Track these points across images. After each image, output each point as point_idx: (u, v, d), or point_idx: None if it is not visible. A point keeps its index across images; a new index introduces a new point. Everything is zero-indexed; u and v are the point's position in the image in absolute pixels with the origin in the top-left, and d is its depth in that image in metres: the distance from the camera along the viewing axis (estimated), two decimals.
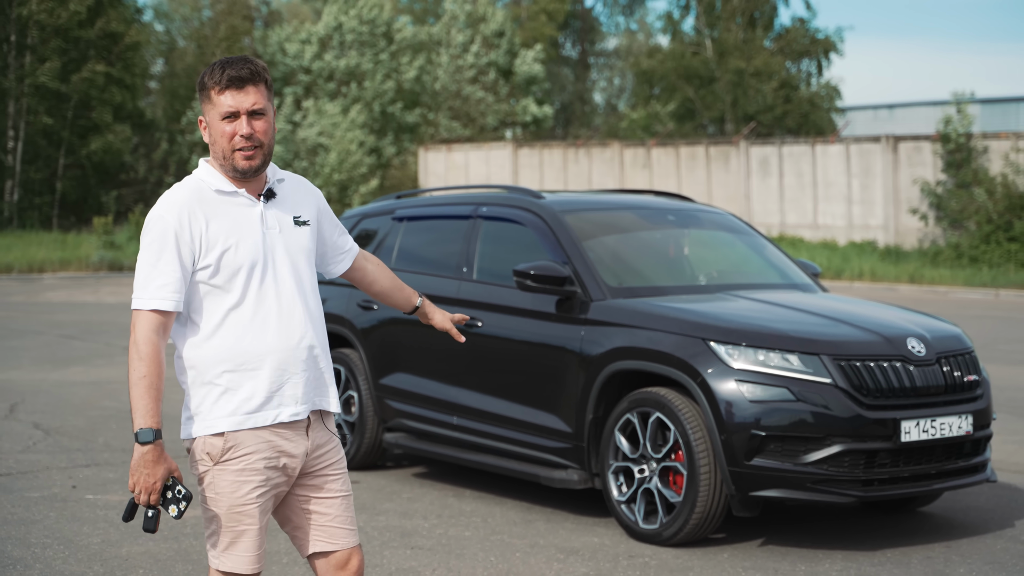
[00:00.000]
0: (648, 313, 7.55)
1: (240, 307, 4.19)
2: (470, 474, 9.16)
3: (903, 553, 7.18)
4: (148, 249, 4.11)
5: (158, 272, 4.09)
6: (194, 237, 4.13)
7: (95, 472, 9.06)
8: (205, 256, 4.15)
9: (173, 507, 4.05)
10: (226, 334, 4.17)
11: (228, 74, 4.17)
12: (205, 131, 4.25)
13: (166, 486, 4.02)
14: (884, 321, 7.55)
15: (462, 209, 8.92)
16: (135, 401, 4.03)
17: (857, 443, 6.94)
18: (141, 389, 4.03)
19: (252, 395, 4.17)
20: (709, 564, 6.94)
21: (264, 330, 4.20)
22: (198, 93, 4.27)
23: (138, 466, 4.01)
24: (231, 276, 4.17)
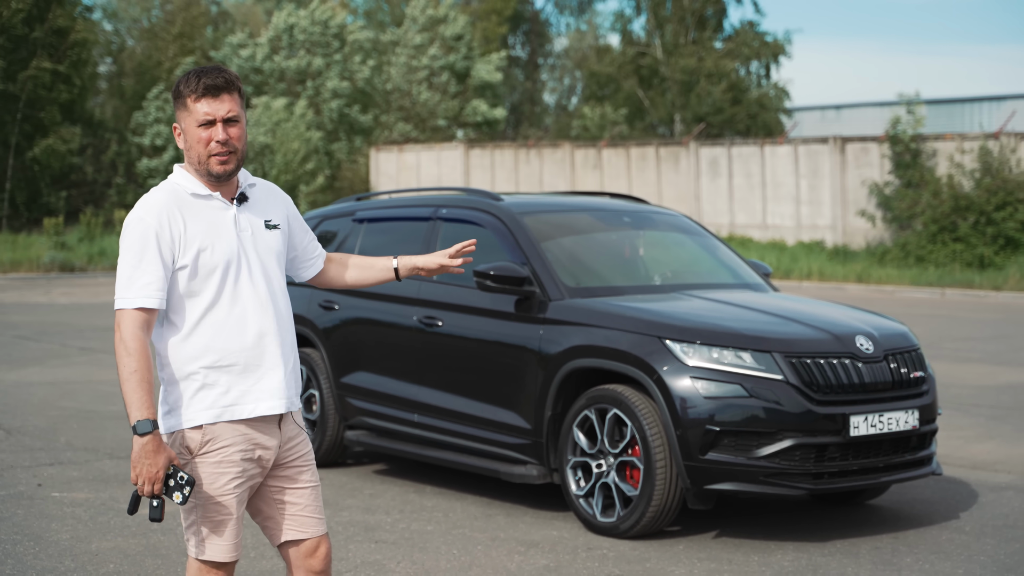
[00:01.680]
0: (605, 312, 7.76)
1: (216, 306, 4.36)
2: (430, 470, 9.34)
3: (852, 544, 7.43)
4: (130, 250, 4.25)
5: (141, 271, 4.23)
6: (174, 237, 4.30)
7: (59, 471, 9.16)
8: (183, 256, 4.32)
9: (177, 494, 4.19)
10: (203, 332, 4.34)
11: (204, 83, 4.35)
12: (180, 137, 4.42)
13: (167, 474, 4.18)
14: (833, 320, 7.80)
15: (422, 211, 9.10)
16: (129, 395, 4.16)
17: (808, 437, 7.18)
18: (134, 383, 4.16)
19: (229, 389, 4.35)
20: (665, 556, 7.16)
21: (240, 328, 4.39)
22: (173, 101, 4.43)
23: (140, 457, 4.15)
24: (207, 275, 4.35)
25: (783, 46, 45.79)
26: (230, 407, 4.36)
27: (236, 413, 4.36)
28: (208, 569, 4.39)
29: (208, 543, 4.36)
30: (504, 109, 46.72)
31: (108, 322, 19.23)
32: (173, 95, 4.42)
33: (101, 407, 11.84)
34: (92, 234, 32.45)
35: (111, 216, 36.28)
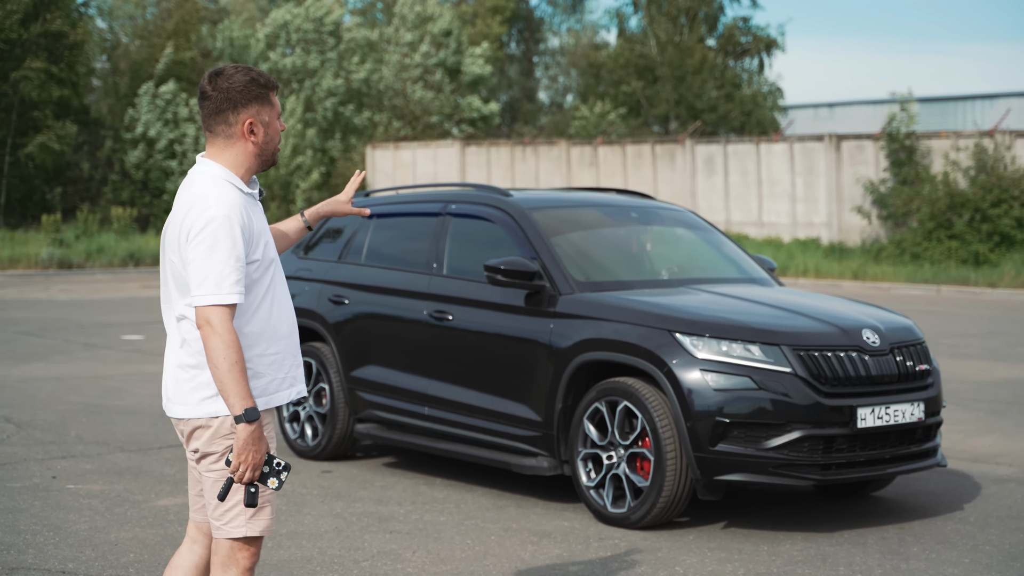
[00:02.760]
0: (615, 306, 7.88)
1: (265, 298, 4.56)
2: (439, 463, 9.45)
3: (859, 534, 7.55)
4: (219, 246, 4.36)
5: (232, 268, 4.36)
6: (252, 233, 4.49)
7: (72, 463, 9.26)
8: (255, 251, 4.50)
9: (273, 479, 4.38)
10: (257, 322, 4.53)
11: (272, 79, 4.58)
12: (255, 132, 4.55)
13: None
14: (840, 313, 7.92)
15: (432, 207, 9.21)
16: (232, 386, 4.30)
17: (816, 429, 7.30)
18: (237, 374, 4.31)
19: (273, 377, 4.54)
20: (676, 546, 7.27)
21: (280, 318, 4.60)
22: (253, 98, 4.55)
23: (247, 445, 4.32)
24: (267, 268, 4.55)
25: (775, 40, 45.90)
26: (275, 394, 4.56)
27: (281, 398, 4.58)
28: (242, 546, 4.53)
29: (256, 520, 4.50)
30: (497, 103, 46.77)
31: (109, 319, 19.33)
32: (251, 92, 4.54)
33: (108, 402, 11.93)
34: (89, 231, 32.52)
35: (107, 213, 36.35)
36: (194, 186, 4.53)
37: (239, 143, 4.57)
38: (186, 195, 4.54)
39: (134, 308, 21.21)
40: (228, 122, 4.55)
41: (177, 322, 4.54)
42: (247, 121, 4.54)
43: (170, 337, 4.62)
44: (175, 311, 4.55)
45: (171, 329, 4.60)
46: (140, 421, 10.98)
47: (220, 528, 4.52)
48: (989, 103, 45.51)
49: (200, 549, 4.75)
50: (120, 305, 21.70)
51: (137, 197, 38.83)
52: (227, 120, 4.54)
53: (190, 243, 4.40)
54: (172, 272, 4.54)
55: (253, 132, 4.55)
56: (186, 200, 4.51)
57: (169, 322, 4.62)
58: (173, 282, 4.55)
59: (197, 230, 4.39)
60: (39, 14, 37.06)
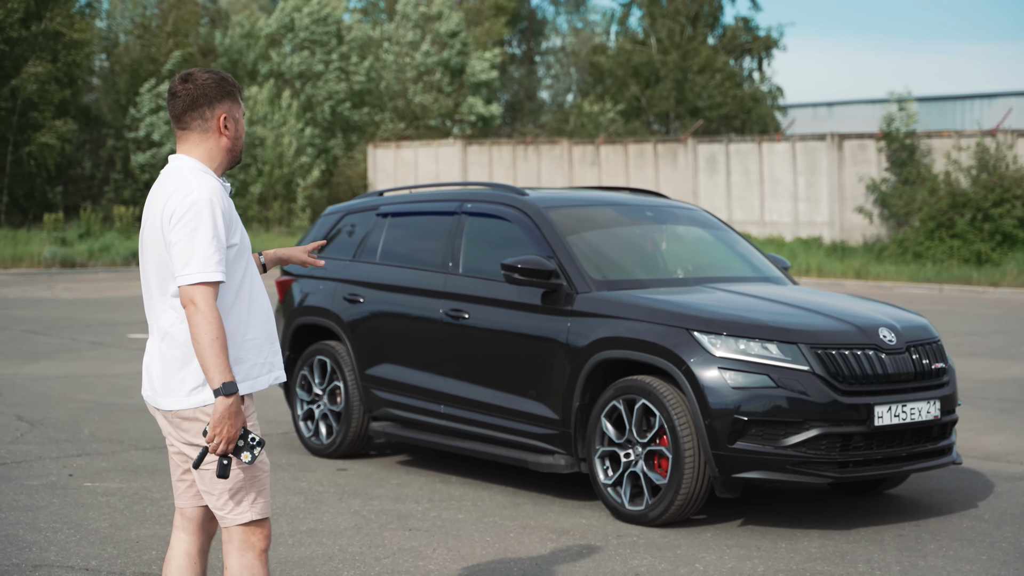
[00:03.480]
0: (632, 305, 7.91)
1: (243, 284, 4.71)
2: (454, 461, 9.49)
3: (876, 532, 7.59)
4: (201, 228, 4.50)
5: (215, 248, 4.51)
6: (228, 218, 4.63)
7: (88, 461, 9.29)
8: (233, 235, 4.64)
9: (246, 453, 4.50)
10: (238, 307, 4.68)
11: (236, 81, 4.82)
12: (228, 127, 4.73)
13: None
14: (856, 312, 7.96)
15: (447, 205, 9.24)
16: (212, 360, 4.43)
17: (833, 427, 7.34)
18: (217, 349, 4.44)
19: (254, 363, 4.70)
20: (694, 543, 7.31)
21: (259, 306, 4.76)
22: (223, 94, 4.73)
23: (223, 418, 4.44)
24: (241, 255, 4.69)
25: (775, 40, 45.94)
26: (257, 379, 4.70)
27: (261, 384, 4.74)
28: (253, 530, 4.68)
29: (257, 502, 4.67)
30: (499, 106, 46.77)
31: (115, 317, 19.36)
32: (226, 88, 4.73)
33: (119, 400, 11.96)
34: (92, 230, 32.53)
35: (109, 212, 36.36)
36: (168, 179, 4.67)
37: (213, 137, 4.72)
38: (162, 188, 4.67)
39: (139, 307, 21.17)
40: (204, 116, 4.70)
41: (160, 315, 4.66)
42: (222, 116, 4.71)
43: (152, 332, 4.74)
44: (157, 305, 4.67)
45: (153, 324, 4.72)
46: (152, 419, 11.01)
47: (227, 517, 4.66)
48: (988, 102, 45.57)
49: (187, 536, 4.88)
50: (125, 304, 21.71)
51: (139, 196, 38.81)
52: (203, 115, 4.70)
53: (173, 227, 4.53)
54: (155, 266, 4.66)
55: (227, 127, 4.73)
56: (163, 192, 4.65)
57: (152, 317, 4.73)
58: (155, 277, 4.66)
59: (180, 214, 4.53)
60: (40, 13, 37.04)
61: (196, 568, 4.85)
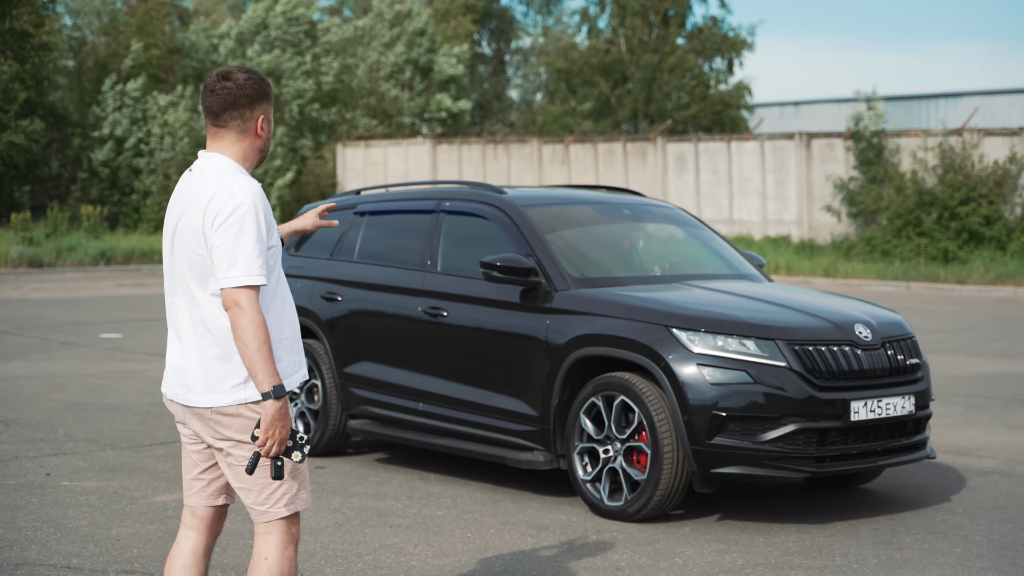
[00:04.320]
0: (611, 302, 7.97)
1: (278, 284, 4.73)
2: (433, 458, 9.52)
3: (852, 525, 7.67)
4: (245, 231, 4.51)
5: (257, 252, 4.52)
6: (268, 220, 4.65)
7: (65, 460, 9.28)
8: (271, 237, 4.64)
9: (296, 453, 4.52)
10: (275, 308, 4.71)
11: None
12: (264, 129, 4.74)
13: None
14: (832, 308, 8.05)
15: (425, 204, 9.28)
16: (261, 364, 4.46)
17: (810, 422, 7.42)
18: (265, 352, 4.47)
19: (290, 360, 4.73)
20: (673, 537, 7.38)
21: (290, 304, 4.80)
22: (263, 96, 4.73)
23: (275, 420, 4.47)
24: (278, 255, 4.70)
25: (745, 42, 46.11)
26: (291, 376, 4.71)
27: (293, 382, 4.75)
28: (292, 523, 4.71)
29: (300, 495, 4.72)
30: (469, 102, 46.77)
31: (85, 317, 19.30)
32: (262, 90, 4.73)
33: (93, 399, 11.94)
34: (59, 229, 32.38)
35: (77, 211, 36.18)
36: (208, 178, 4.64)
37: (249, 138, 4.73)
38: (201, 186, 4.65)
39: (109, 306, 21.17)
40: (243, 117, 4.70)
41: (200, 311, 4.64)
42: (260, 117, 4.72)
43: (185, 329, 4.70)
44: (197, 301, 4.64)
45: (186, 321, 4.69)
46: (127, 418, 11.00)
47: (268, 511, 4.67)
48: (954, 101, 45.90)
49: (195, 535, 4.88)
50: (95, 303, 21.65)
51: (106, 195, 38.66)
52: (242, 115, 4.69)
53: (217, 229, 4.53)
54: (191, 263, 4.64)
55: (263, 128, 4.73)
56: (203, 191, 4.62)
57: (182, 314, 4.71)
58: (192, 274, 4.64)
59: (224, 216, 4.53)
60: (4, 12, 36.79)
61: (201, 567, 4.86)
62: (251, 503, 4.69)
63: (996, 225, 27.78)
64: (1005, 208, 28.08)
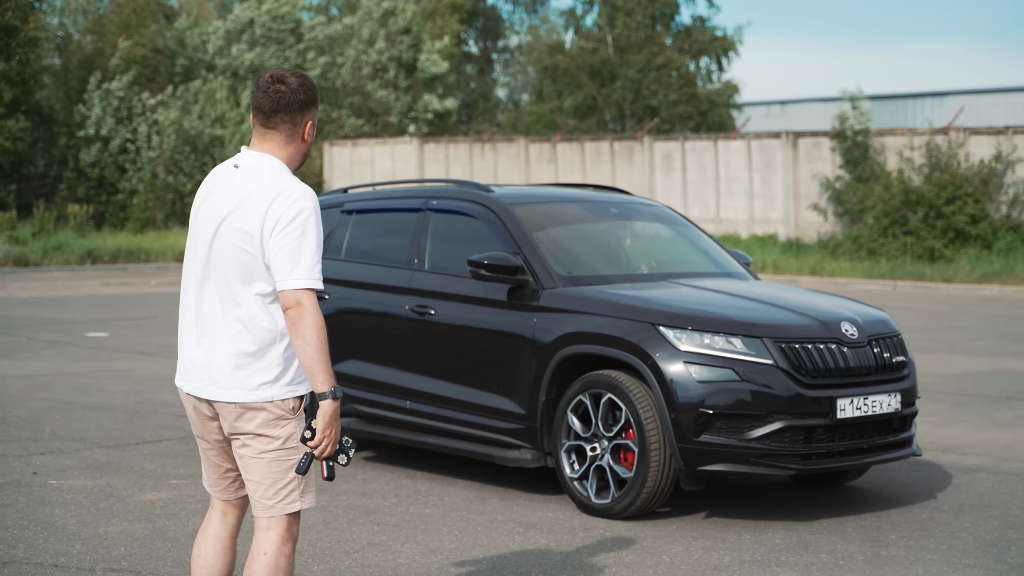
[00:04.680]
0: (598, 300, 7.99)
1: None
2: (420, 456, 9.53)
3: (838, 523, 7.70)
4: (307, 235, 4.59)
5: (318, 257, 4.62)
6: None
7: (51, 459, 9.26)
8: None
9: (343, 456, 4.62)
10: None
11: None
12: (309, 135, 4.84)
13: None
14: (818, 306, 8.07)
15: (412, 202, 9.28)
16: (322, 364, 4.52)
17: (797, 420, 7.44)
18: (325, 353, 4.54)
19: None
20: (660, 535, 7.39)
21: None
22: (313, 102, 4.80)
23: (332, 421, 4.54)
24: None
25: (733, 42, 46.18)
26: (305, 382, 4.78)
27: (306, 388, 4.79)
28: (294, 521, 4.77)
29: (306, 495, 4.79)
30: (455, 100, 46.73)
31: (71, 316, 19.27)
32: (313, 96, 4.79)
33: (80, 398, 11.92)
34: (46, 228, 32.32)
35: (63, 210, 36.09)
36: (264, 179, 4.68)
37: (296, 142, 4.80)
38: (257, 186, 4.67)
39: (96, 306, 21.13)
40: (294, 121, 4.76)
41: (240, 309, 4.67)
42: (308, 123, 4.79)
43: (215, 324, 4.72)
44: (237, 299, 4.68)
45: (217, 316, 4.72)
46: (114, 417, 10.99)
47: (275, 507, 4.71)
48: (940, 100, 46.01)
49: (232, 520, 4.97)
50: (81, 303, 21.61)
51: (93, 194, 38.56)
52: (293, 119, 4.75)
53: (280, 232, 4.58)
54: (238, 261, 4.67)
55: (309, 134, 4.81)
56: (262, 192, 4.65)
57: (213, 309, 4.73)
58: (237, 272, 4.68)
59: (288, 219, 4.58)
60: None
61: (233, 548, 4.98)
62: (259, 496, 4.72)
63: (982, 224, 27.86)
64: (991, 207, 28.16)
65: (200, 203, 4.83)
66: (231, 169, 4.81)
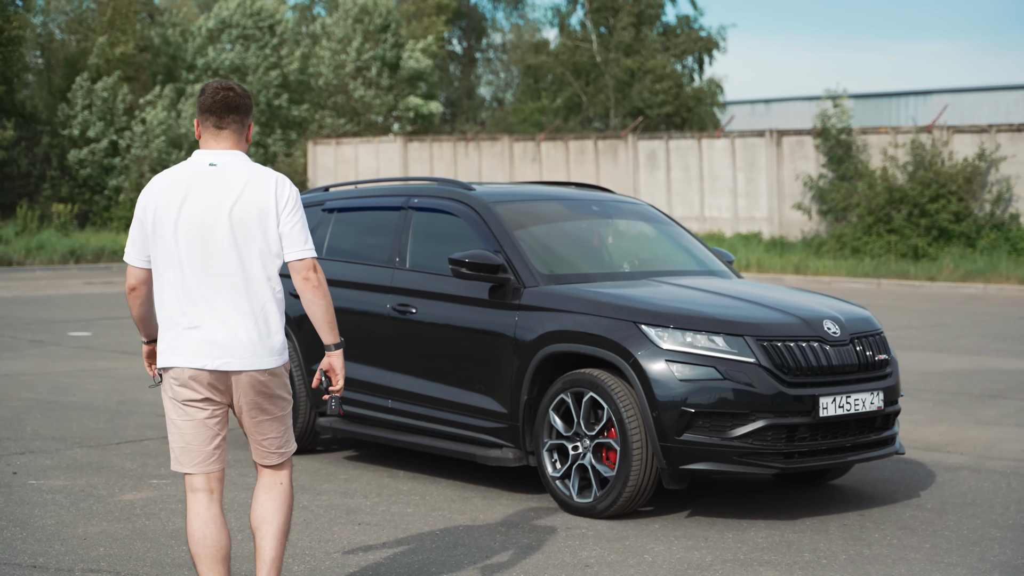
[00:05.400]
0: (580, 298, 7.95)
1: None
2: (402, 455, 9.49)
3: (821, 521, 7.68)
4: (303, 213, 5.44)
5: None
6: None
7: (31, 459, 9.21)
8: None
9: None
10: None
11: None
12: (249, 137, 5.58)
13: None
14: (801, 304, 8.05)
15: (393, 200, 9.24)
16: (331, 319, 5.44)
17: (779, 418, 7.42)
18: (332, 310, 5.46)
19: None
20: (642, 534, 7.37)
21: None
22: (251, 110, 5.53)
23: (343, 365, 5.51)
24: None
25: (717, 42, 46.16)
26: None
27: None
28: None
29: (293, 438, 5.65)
30: (439, 103, 46.64)
31: (54, 315, 19.19)
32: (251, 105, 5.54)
33: (61, 398, 11.86)
34: (29, 228, 32.19)
35: (47, 209, 35.96)
36: (252, 170, 5.39)
37: (243, 141, 5.51)
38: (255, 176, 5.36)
39: (79, 305, 21.05)
40: (242, 122, 5.45)
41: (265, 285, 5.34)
42: (251, 124, 5.52)
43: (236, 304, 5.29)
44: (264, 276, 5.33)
45: (241, 297, 5.30)
46: (95, 417, 10.93)
47: (284, 452, 5.52)
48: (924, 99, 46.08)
49: (218, 496, 5.43)
50: (64, 302, 21.53)
51: (76, 194, 38.40)
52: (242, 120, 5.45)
53: (289, 212, 5.35)
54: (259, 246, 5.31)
55: (250, 137, 5.56)
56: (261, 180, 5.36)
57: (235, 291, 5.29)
58: (259, 255, 5.31)
59: (293, 201, 5.38)
60: None
61: (226, 524, 5.45)
62: (273, 449, 5.47)
63: (966, 222, 27.91)
64: (975, 205, 28.21)
65: (171, 204, 5.32)
66: (207, 168, 5.36)
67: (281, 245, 5.33)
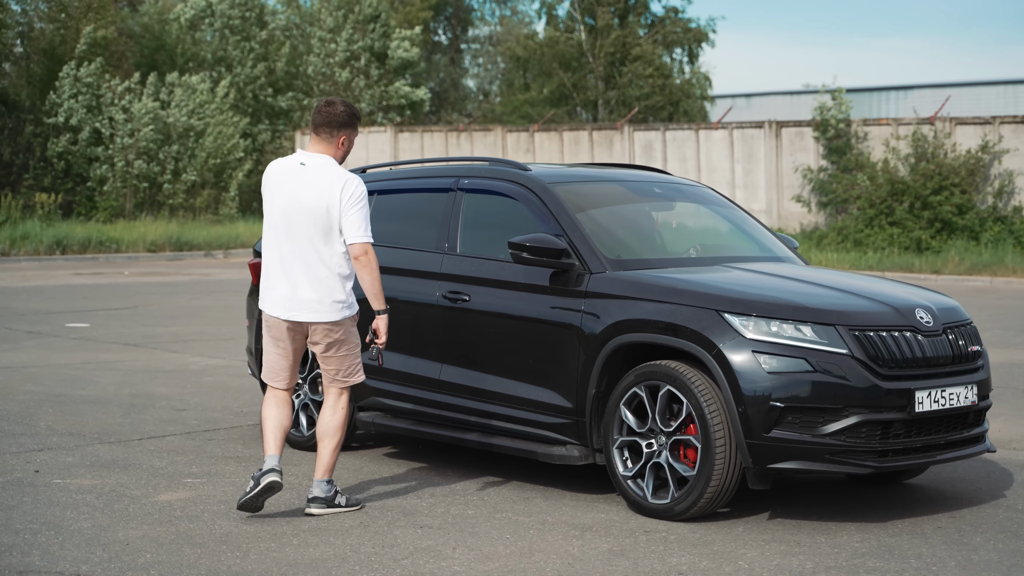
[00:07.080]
0: (653, 285, 7.40)
1: None
2: (442, 452, 8.94)
3: (913, 524, 7.17)
4: (364, 206, 7.11)
5: (369, 220, 7.16)
6: None
7: (52, 456, 8.63)
8: None
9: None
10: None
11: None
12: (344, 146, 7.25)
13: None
14: (889, 292, 7.53)
15: (441, 182, 8.67)
16: (379, 291, 7.14)
17: (874, 414, 6.90)
18: (380, 283, 7.15)
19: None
20: (728, 538, 6.84)
21: None
22: (356, 122, 7.29)
23: (388, 326, 7.24)
24: None
25: (706, 33, 45.74)
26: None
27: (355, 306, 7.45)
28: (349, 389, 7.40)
29: (360, 372, 7.37)
30: (427, 90, 46.05)
31: (48, 306, 18.57)
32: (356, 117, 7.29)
33: (70, 391, 11.28)
34: (12, 217, 31.48)
35: (30, 199, 35.18)
36: (333, 170, 7.11)
37: (335, 147, 7.23)
38: (326, 175, 7.07)
39: (70, 295, 20.42)
40: (332, 133, 7.20)
41: (327, 259, 7.05)
42: (343, 137, 7.20)
43: (308, 270, 7.07)
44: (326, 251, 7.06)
45: (314, 264, 7.06)
46: (110, 411, 10.36)
47: (347, 380, 7.27)
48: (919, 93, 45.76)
49: (284, 396, 7.29)
50: (55, 292, 20.89)
51: (59, 183, 37.58)
52: (331, 132, 7.19)
53: (352, 204, 7.04)
54: (323, 228, 7.03)
55: (343, 144, 7.23)
56: (334, 179, 7.06)
57: (307, 260, 7.06)
58: (322, 234, 7.03)
59: (357, 197, 7.07)
60: None
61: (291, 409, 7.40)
62: (338, 376, 7.25)
63: (968, 214, 27.55)
64: (977, 197, 27.84)
65: (273, 187, 7.17)
66: (298, 165, 7.13)
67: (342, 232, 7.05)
